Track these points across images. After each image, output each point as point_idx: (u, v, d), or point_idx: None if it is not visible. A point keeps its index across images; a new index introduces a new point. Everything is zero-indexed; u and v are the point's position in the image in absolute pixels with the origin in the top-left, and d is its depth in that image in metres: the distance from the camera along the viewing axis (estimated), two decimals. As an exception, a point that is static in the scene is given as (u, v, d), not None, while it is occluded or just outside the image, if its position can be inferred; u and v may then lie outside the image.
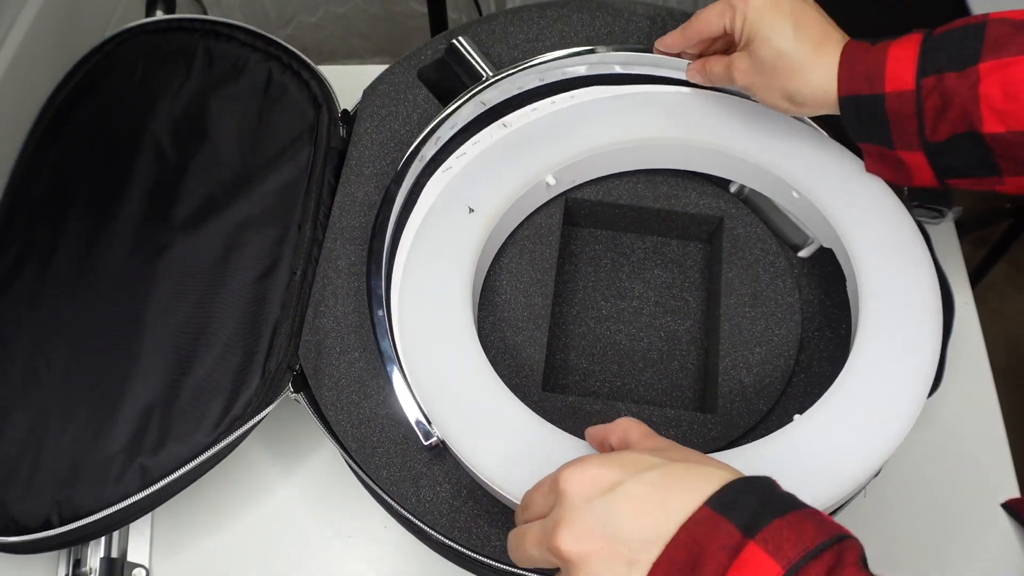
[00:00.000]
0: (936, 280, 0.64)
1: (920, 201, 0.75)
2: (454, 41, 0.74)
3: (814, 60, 0.61)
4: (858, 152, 0.66)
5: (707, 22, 0.65)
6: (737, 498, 0.42)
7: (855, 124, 0.61)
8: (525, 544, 0.46)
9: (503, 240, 0.70)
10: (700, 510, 0.41)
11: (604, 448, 0.53)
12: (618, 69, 0.74)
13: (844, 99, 0.60)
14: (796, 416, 0.60)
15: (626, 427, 0.51)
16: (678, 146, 0.70)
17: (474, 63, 0.73)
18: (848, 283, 0.66)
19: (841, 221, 0.65)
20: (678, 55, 0.70)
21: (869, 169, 0.65)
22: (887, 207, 0.66)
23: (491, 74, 0.72)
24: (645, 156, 0.71)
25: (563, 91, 0.73)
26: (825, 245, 0.68)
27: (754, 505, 0.41)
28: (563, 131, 0.70)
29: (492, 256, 0.69)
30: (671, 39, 0.69)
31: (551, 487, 0.46)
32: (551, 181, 0.69)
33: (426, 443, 0.60)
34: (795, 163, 0.68)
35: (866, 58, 0.60)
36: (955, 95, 0.57)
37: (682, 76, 0.71)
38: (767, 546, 0.40)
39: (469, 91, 0.71)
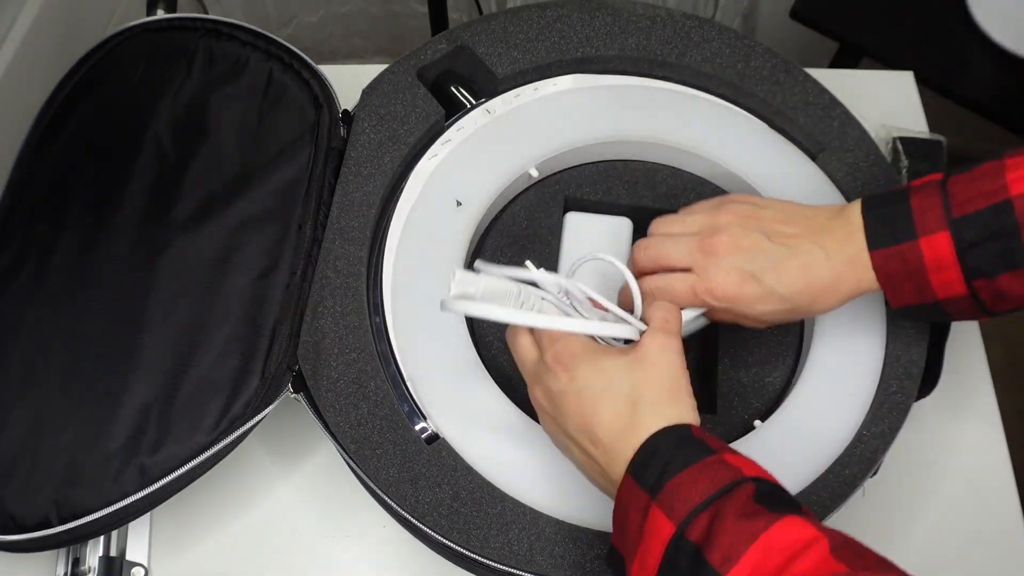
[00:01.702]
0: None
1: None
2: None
3: (826, 293, 0.57)
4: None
5: (664, 293, 0.59)
6: (648, 460, 0.48)
7: (913, 319, 0.62)
8: None
9: (486, 226, 0.71)
10: (624, 477, 0.49)
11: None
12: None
13: (899, 310, 0.58)
14: (757, 422, 0.63)
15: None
16: (654, 143, 0.71)
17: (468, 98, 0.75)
18: None
19: None
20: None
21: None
22: None
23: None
24: (627, 149, 0.73)
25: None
26: None
27: (660, 465, 0.47)
28: (548, 121, 0.72)
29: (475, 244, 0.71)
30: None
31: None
32: (534, 173, 0.71)
33: (418, 431, 0.61)
34: (762, 168, 0.70)
35: (905, 273, 0.56)
36: (1010, 289, 0.54)
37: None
38: (663, 507, 0.46)
39: (474, 106, 0.73)
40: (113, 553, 0.66)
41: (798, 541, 0.43)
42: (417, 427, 0.62)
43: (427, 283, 0.67)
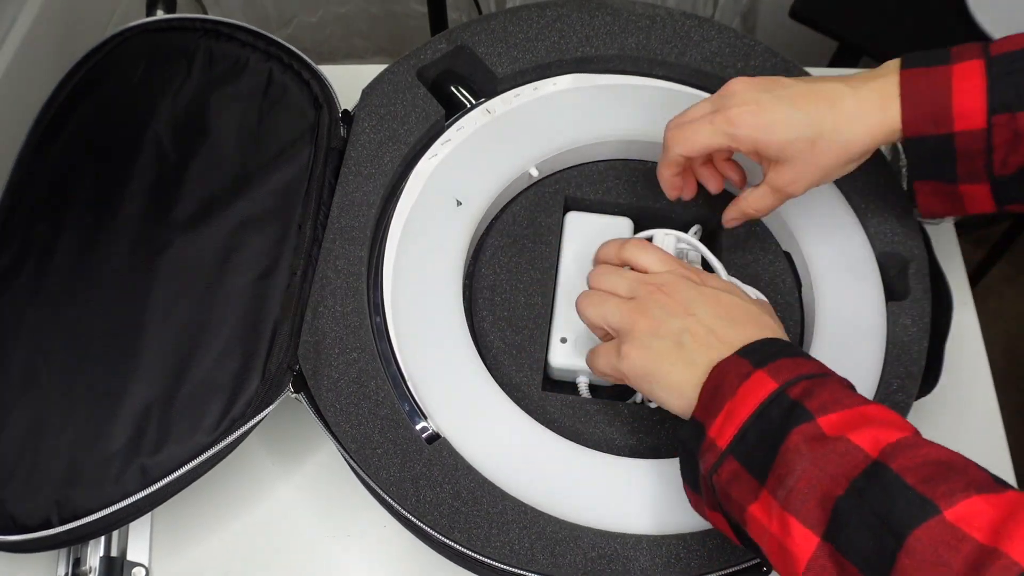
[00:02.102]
0: (882, 292, 0.67)
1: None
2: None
3: (853, 119, 0.58)
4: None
5: (693, 148, 0.61)
6: (758, 348, 0.53)
7: (918, 162, 0.59)
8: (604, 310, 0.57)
9: (485, 227, 0.71)
10: (730, 356, 0.52)
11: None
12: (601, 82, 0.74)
13: (910, 140, 0.58)
14: None
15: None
16: (654, 143, 0.71)
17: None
18: (804, 290, 0.69)
19: (799, 230, 0.68)
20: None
21: (922, 209, 0.63)
22: (843, 221, 0.69)
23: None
24: (627, 149, 0.73)
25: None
26: (784, 249, 0.70)
27: (769, 352, 0.52)
28: (548, 121, 0.72)
29: (475, 244, 0.71)
30: (668, 178, 0.64)
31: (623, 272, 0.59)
32: (534, 173, 0.71)
33: (418, 431, 0.61)
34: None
35: (929, 94, 0.56)
36: None
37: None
38: (768, 371, 0.50)
39: (474, 106, 0.73)
40: (114, 553, 0.66)
41: (890, 418, 0.48)
42: (418, 426, 0.62)
43: (427, 283, 0.67)
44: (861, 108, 0.57)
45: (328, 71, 0.75)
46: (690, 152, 0.61)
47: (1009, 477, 0.69)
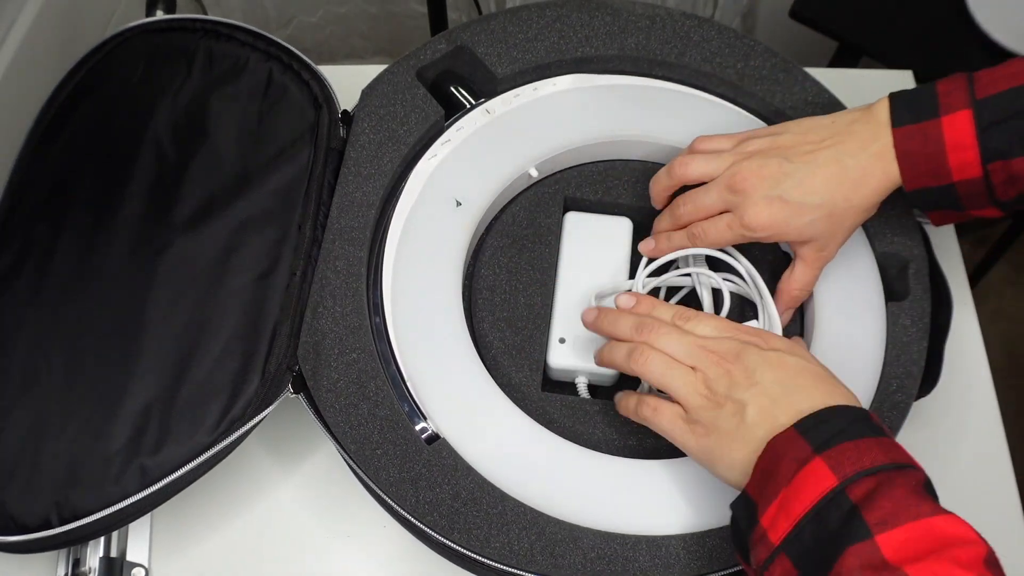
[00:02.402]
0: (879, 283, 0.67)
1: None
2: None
3: (852, 197, 0.60)
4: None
5: (715, 241, 0.64)
6: (819, 423, 0.50)
7: (924, 205, 0.62)
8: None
9: (485, 227, 0.71)
10: (787, 430, 0.51)
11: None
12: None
13: (912, 193, 0.60)
14: None
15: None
16: (654, 143, 0.72)
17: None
18: None
19: None
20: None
21: (936, 223, 0.65)
22: None
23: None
24: (627, 149, 0.73)
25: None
26: (784, 249, 0.70)
27: (832, 429, 0.49)
28: (548, 121, 0.72)
29: (475, 244, 0.71)
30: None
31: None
32: (534, 173, 0.71)
33: (418, 431, 0.61)
34: None
35: (924, 155, 0.59)
36: (1022, 172, 0.57)
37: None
38: (827, 459, 0.48)
39: (474, 106, 0.73)
40: (114, 554, 0.66)
41: (959, 536, 0.45)
42: (417, 427, 0.62)
43: (427, 283, 0.67)
44: (865, 173, 0.60)
45: (328, 71, 0.75)
46: (710, 247, 0.65)
47: (1009, 477, 0.69)
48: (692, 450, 0.55)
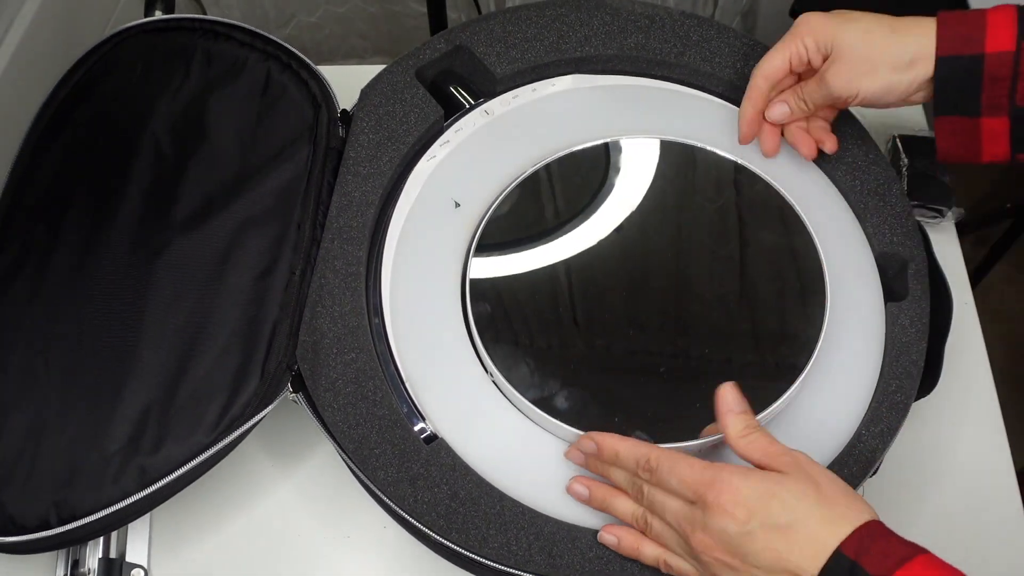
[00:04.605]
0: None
1: (921, 201, 0.75)
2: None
3: (900, 30, 0.63)
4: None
5: (772, 66, 0.66)
6: (836, 566, 0.48)
7: (945, 87, 0.62)
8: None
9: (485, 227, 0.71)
10: None
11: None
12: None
13: (942, 59, 0.61)
14: None
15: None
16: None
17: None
18: None
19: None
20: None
21: (940, 152, 0.65)
22: (841, 221, 0.70)
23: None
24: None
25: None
26: None
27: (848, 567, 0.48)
28: (547, 122, 0.72)
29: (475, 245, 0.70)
30: (749, 114, 0.69)
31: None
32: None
33: (416, 431, 0.61)
34: (760, 167, 0.70)
35: (964, 22, 0.61)
36: None
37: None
38: None
39: (473, 107, 0.73)
40: (113, 554, 0.65)
41: None
42: (416, 427, 0.62)
43: (426, 284, 0.67)
44: (906, 27, 0.63)
45: (327, 71, 0.75)
46: (769, 70, 0.66)
47: (1010, 477, 0.69)
48: None
